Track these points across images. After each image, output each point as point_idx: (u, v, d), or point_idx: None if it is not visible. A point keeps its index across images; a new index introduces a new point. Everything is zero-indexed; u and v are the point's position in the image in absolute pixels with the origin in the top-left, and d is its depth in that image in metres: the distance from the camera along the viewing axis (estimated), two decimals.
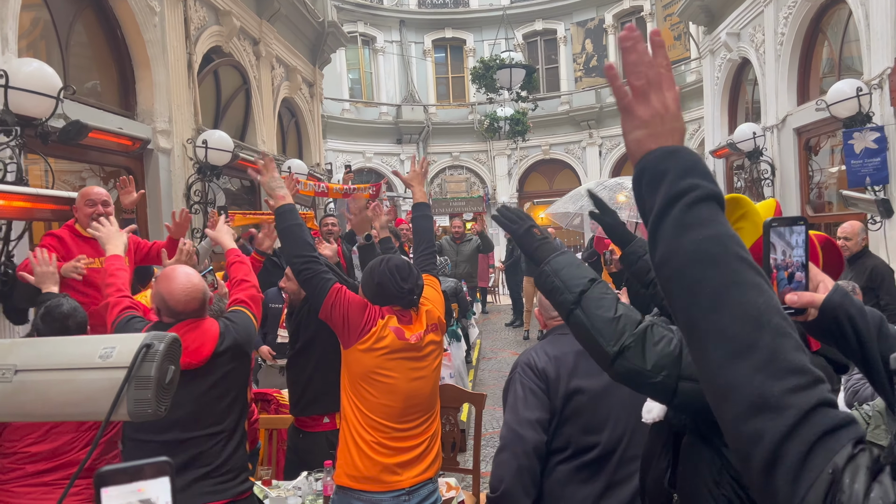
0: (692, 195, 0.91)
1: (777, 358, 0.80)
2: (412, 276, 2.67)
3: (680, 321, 0.90)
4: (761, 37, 8.89)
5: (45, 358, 1.36)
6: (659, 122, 0.97)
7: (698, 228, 0.89)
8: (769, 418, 0.77)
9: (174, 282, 2.44)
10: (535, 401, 2.25)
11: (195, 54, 6.95)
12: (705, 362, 0.85)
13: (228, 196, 8.14)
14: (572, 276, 1.55)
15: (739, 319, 0.83)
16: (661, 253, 0.92)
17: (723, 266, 0.86)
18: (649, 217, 0.95)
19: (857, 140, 6.03)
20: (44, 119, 4.11)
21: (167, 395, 1.35)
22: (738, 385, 0.80)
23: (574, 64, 18.67)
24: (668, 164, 0.94)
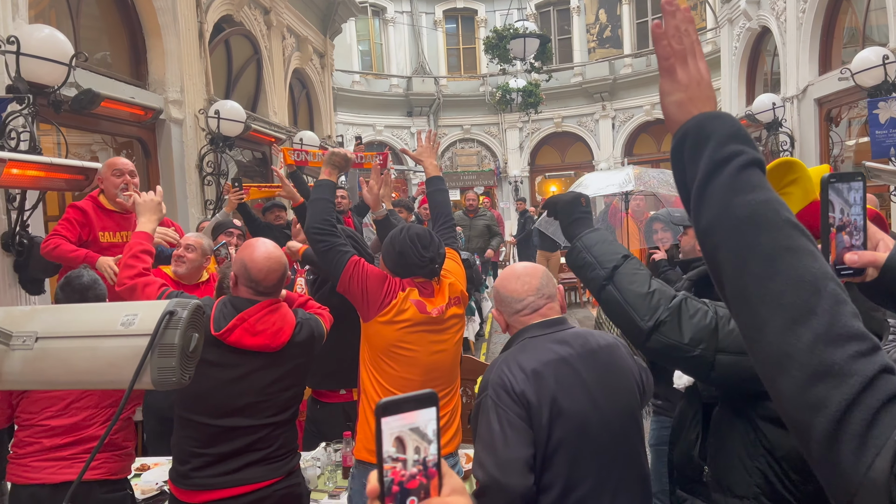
0: (739, 159, 0.89)
1: (837, 324, 0.77)
2: (433, 245, 2.59)
3: (729, 289, 0.86)
4: (782, 4, 8.67)
5: (66, 325, 1.33)
6: (696, 87, 0.98)
7: (749, 192, 0.87)
8: (832, 385, 0.74)
9: (257, 250, 2.38)
10: (516, 436, 1.79)
11: (206, 23, 6.85)
12: (759, 331, 0.81)
13: (241, 167, 8.09)
14: (605, 251, 1.53)
15: (796, 285, 0.79)
16: (709, 217, 0.89)
17: (776, 231, 0.84)
18: (693, 181, 0.92)
19: (883, 110, 5.89)
20: (56, 87, 4.05)
21: (191, 363, 1.32)
22: (797, 353, 0.77)
23: (587, 35, 18.37)
24: (714, 128, 0.92)
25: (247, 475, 2.29)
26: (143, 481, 3.02)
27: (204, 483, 2.28)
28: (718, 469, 1.57)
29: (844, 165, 8.25)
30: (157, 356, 1.28)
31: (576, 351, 1.89)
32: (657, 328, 1.44)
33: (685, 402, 1.80)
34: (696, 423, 1.67)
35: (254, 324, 2.29)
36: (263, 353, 2.32)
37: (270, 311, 2.35)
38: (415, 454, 0.69)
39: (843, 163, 8.25)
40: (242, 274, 2.38)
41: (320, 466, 3.01)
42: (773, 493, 1.45)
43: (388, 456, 0.68)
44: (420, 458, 0.69)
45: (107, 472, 2.62)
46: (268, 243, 2.45)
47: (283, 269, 2.41)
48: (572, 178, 20.54)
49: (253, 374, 2.30)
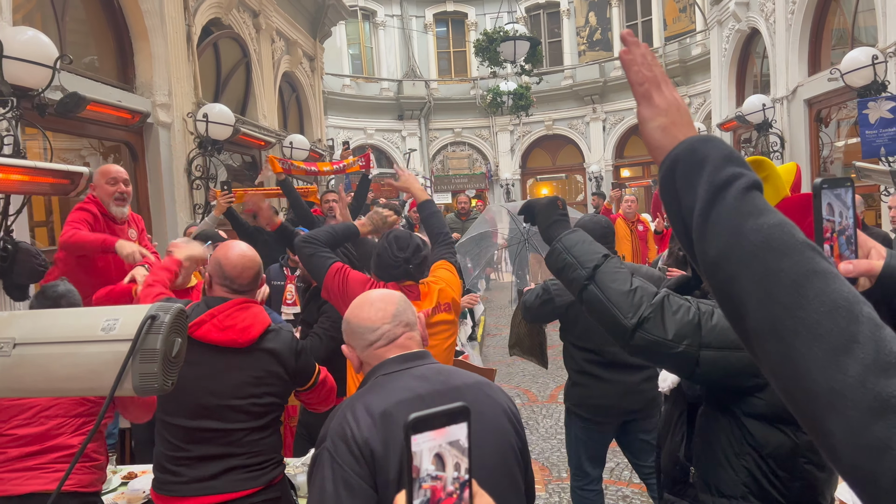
0: (740, 182, 0.82)
1: (883, 350, 0.68)
2: (410, 247, 2.64)
3: (753, 323, 0.77)
4: (772, 6, 8.71)
5: (45, 331, 1.29)
6: (676, 111, 0.94)
7: (759, 216, 0.79)
8: (894, 423, 0.65)
9: (231, 249, 2.42)
10: (352, 500, 1.44)
11: (194, 26, 6.80)
12: (796, 367, 0.72)
13: (230, 171, 8.03)
14: (585, 251, 1.52)
15: (831, 312, 0.71)
16: (719, 247, 0.81)
17: (797, 254, 0.76)
18: (691, 210, 0.85)
19: (872, 110, 5.90)
20: (40, 90, 3.99)
21: (174, 368, 1.28)
22: (846, 388, 0.68)
23: (577, 37, 18.43)
24: (707, 151, 0.86)
25: (222, 483, 2.25)
26: (129, 489, 2.96)
27: (178, 490, 2.25)
28: (705, 469, 1.57)
29: (834, 166, 8.28)
30: (139, 361, 1.24)
31: (436, 388, 1.60)
32: (641, 325, 1.43)
33: (670, 403, 1.79)
34: (682, 425, 1.67)
35: (223, 319, 2.27)
36: (233, 351, 2.29)
37: (241, 308, 2.33)
38: (454, 471, 0.66)
39: (832, 163, 8.28)
40: (217, 272, 2.38)
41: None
42: (761, 490, 1.44)
43: (427, 475, 0.64)
44: (458, 474, 0.66)
45: (77, 483, 2.54)
46: (242, 244, 2.48)
47: (258, 268, 2.42)
48: (564, 180, 20.60)
49: (223, 373, 2.27)
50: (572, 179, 20.33)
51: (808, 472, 1.43)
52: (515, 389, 6.72)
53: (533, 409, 6.13)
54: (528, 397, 6.45)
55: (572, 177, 20.17)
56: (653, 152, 0.95)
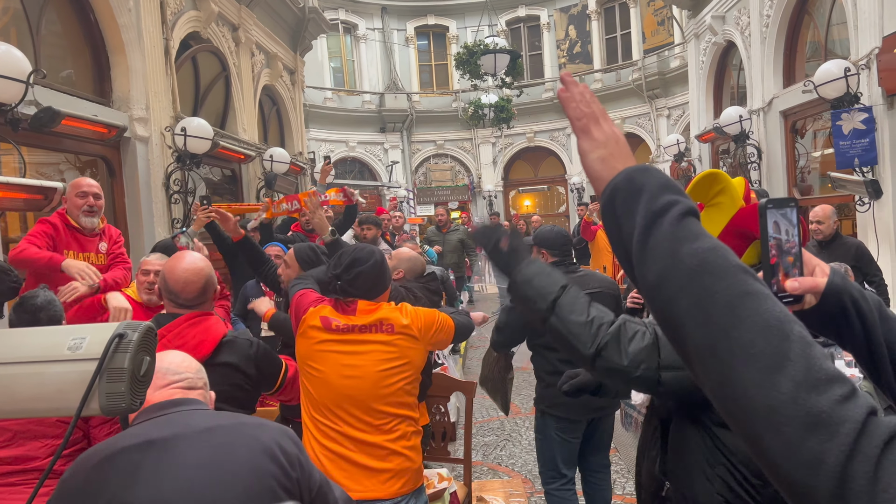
0: (676, 209, 0.86)
1: (813, 367, 0.71)
2: (343, 263, 2.51)
3: (691, 344, 0.79)
4: (746, 19, 8.84)
5: (9, 350, 1.27)
6: (615, 143, 0.99)
7: (694, 241, 0.82)
8: (826, 438, 0.67)
9: (178, 261, 2.35)
10: None
11: (172, 40, 6.77)
12: (733, 386, 0.74)
13: (209, 185, 7.99)
14: (544, 284, 1.54)
15: (763, 331, 0.74)
16: (657, 271, 0.83)
17: (731, 277, 0.78)
18: (630, 236, 0.88)
19: (846, 121, 5.99)
20: (13, 105, 3.95)
21: (142, 387, 1.26)
22: (781, 404, 0.70)
23: (558, 50, 18.59)
24: (644, 180, 0.90)
25: None
26: None
27: None
28: (680, 481, 1.57)
29: (811, 176, 8.38)
30: (106, 381, 1.22)
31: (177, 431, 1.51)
32: (599, 353, 1.50)
33: (645, 421, 1.80)
34: (656, 441, 1.67)
35: (172, 339, 2.20)
36: None
37: (191, 325, 2.26)
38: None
39: (809, 173, 8.39)
40: (163, 286, 2.34)
41: None
42: (736, 499, 1.46)
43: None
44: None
45: None
46: (192, 255, 2.40)
47: (204, 280, 2.33)
48: (546, 192, 20.70)
49: None
50: (554, 191, 20.44)
51: None
52: None
53: (516, 421, 6.12)
54: (511, 409, 6.44)
55: (554, 188, 20.28)
56: (594, 183, 0.98)
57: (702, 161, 10.85)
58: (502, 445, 5.52)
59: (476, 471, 4.86)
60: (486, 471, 5.00)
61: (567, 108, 1.05)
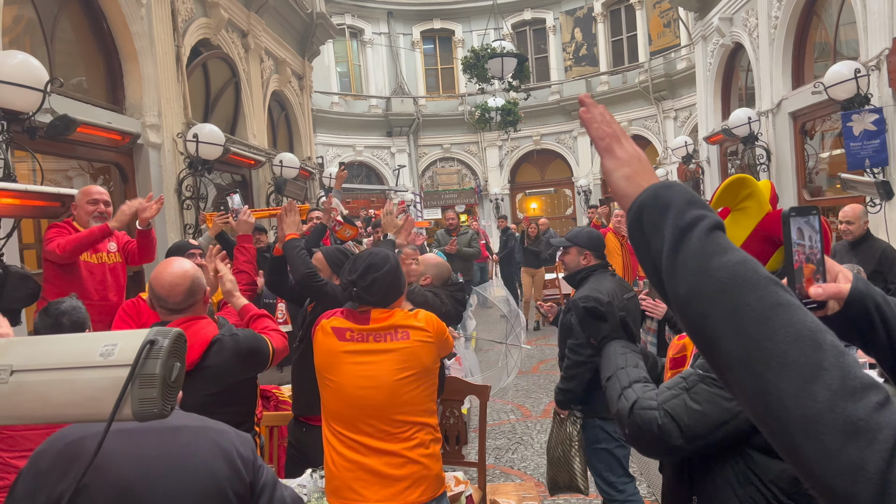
0: (704, 223, 0.87)
1: (848, 375, 0.72)
2: (359, 268, 2.48)
3: (725, 358, 0.80)
4: (755, 21, 8.83)
5: (42, 357, 1.29)
6: (637, 161, 1.00)
7: (723, 255, 0.83)
8: (864, 445, 0.68)
9: (164, 267, 2.35)
10: None
11: (183, 47, 6.82)
12: (770, 397, 0.75)
13: (220, 191, 8.03)
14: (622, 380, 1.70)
15: (797, 342, 0.75)
16: (687, 286, 0.84)
17: (761, 289, 0.79)
18: (659, 252, 0.89)
19: (856, 122, 5.99)
20: (31, 113, 3.99)
21: (173, 393, 1.28)
22: (818, 413, 0.71)
23: (564, 53, 18.60)
24: (670, 197, 0.91)
25: None
26: None
27: None
28: (709, 499, 1.57)
29: (819, 178, 8.37)
30: (138, 387, 1.24)
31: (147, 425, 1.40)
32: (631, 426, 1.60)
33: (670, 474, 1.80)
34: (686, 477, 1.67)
35: None
36: None
37: None
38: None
39: (818, 175, 8.37)
40: (152, 295, 2.34)
41: (306, 494, 2.94)
42: None
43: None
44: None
45: None
46: (178, 261, 2.40)
47: (190, 283, 2.32)
48: (552, 194, 20.69)
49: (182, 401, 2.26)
50: (561, 193, 20.43)
51: (810, 497, 1.44)
52: (509, 405, 6.72)
53: (527, 424, 6.13)
54: (523, 413, 6.45)
55: (561, 191, 20.27)
56: (620, 200, 1.00)
57: (710, 163, 10.84)
58: (514, 449, 5.52)
59: (488, 474, 4.87)
60: (498, 474, 5.01)
61: (589, 128, 1.06)
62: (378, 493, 2.39)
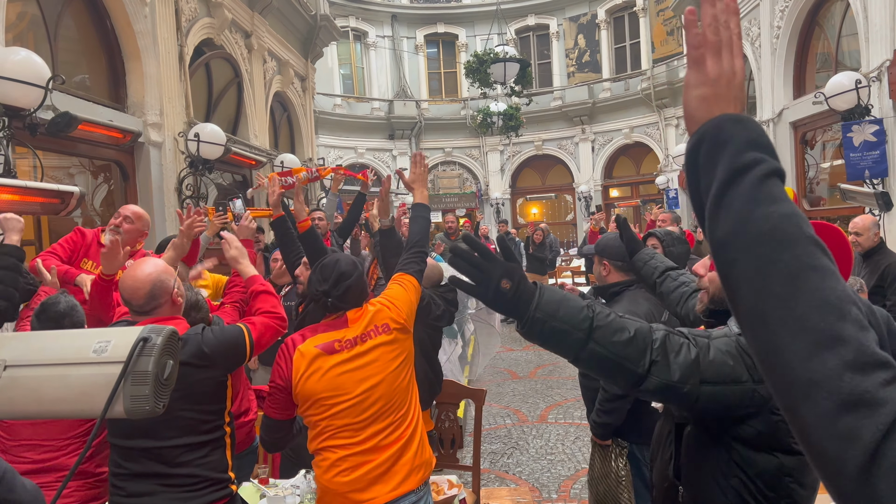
0: (760, 168, 0.83)
1: (864, 351, 0.72)
2: (332, 277, 2.46)
3: (744, 308, 0.80)
4: (757, 30, 8.85)
5: (36, 353, 1.30)
6: (725, 84, 0.91)
7: (771, 204, 0.80)
8: (864, 415, 0.69)
9: (132, 268, 2.35)
10: None
11: (186, 46, 6.84)
12: (779, 355, 0.75)
13: (221, 191, 8.04)
14: (570, 312, 1.37)
15: (821, 308, 0.74)
16: (726, 229, 0.82)
17: (799, 248, 0.78)
18: (708, 188, 0.86)
19: (856, 133, 6.00)
20: (32, 110, 4.00)
21: (166, 390, 1.29)
22: (824, 380, 0.71)
23: (567, 59, 18.63)
24: (733, 133, 0.86)
25: (158, 500, 2.23)
26: None
27: (116, 502, 2.28)
28: (694, 489, 1.59)
29: (820, 188, 8.38)
30: (131, 384, 1.24)
31: None
32: (650, 371, 1.39)
33: (661, 421, 1.82)
34: (670, 443, 1.69)
35: None
36: None
37: None
38: None
39: (818, 185, 8.38)
40: (121, 296, 2.35)
41: (299, 494, 2.95)
42: None
43: None
44: None
45: (79, 500, 2.56)
46: (148, 262, 2.38)
47: (151, 287, 2.30)
48: (553, 200, 20.71)
49: None
50: (561, 199, 20.45)
51: (793, 490, 1.46)
52: (506, 409, 6.71)
53: (523, 429, 6.12)
54: (519, 417, 6.45)
55: (562, 196, 20.29)
56: (687, 122, 0.93)
57: None
58: (509, 453, 5.52)
59: (483, 478, 4.86)
60: (493, 478, 5.00)
61: (688, 32, 0.94)
62: (383, 487, 2.40)
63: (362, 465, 2.41)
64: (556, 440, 5.77)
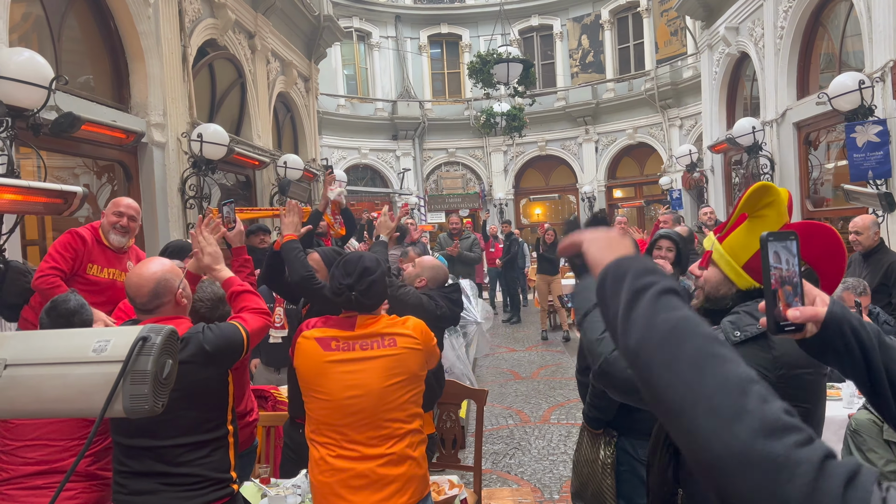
0: (656, 287, 0.96)
1: (769, 418, 0.78)
2: (356, 272, 2.44)
3: (663, 404, 0.87)
4: (760, 31, 8.84)
5: (36, 352, 1.30)
6: (610, 240, 1.13)
7: (669, 312, 0.93)
8: (785, 480, 0.73)
9: (138, 267, 2.38)
10: None
11: (190, 47, 6.86)
12: (696, 438, 0.81)
13: (224, 191, 8.06)
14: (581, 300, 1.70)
15: (724, 387, 0.82)
16: (636, 338, 0.93)
17: (698, 340, 0.88)
18: (617, 313, 0.99)
19: (860, 133, 5.98)
20: (35, 110, 4.02)
21: (165, 390, 1.29)
22: (738, 453, 0.77)
23: (570, 60, 18.62)
24: (629, 265, 1.03)
25: (158, 499, 2.25)
26: None
27: (125, 500, 2.30)
28: (692, 491, 1.60)
29: (824, 188, 8.36)
30: (130, 383, 1.25)
31: None
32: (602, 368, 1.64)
33: (658, 424, 1.81)
34: (669, 446, 1.69)
35: None
36: None
37: None
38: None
39: (822, 185, 8.36)
40: (126, 294, 2.38)
41: (300, 494, 2.95)
42: None
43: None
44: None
45: (83, 502, 2.56)
46: (154, 261, 2.40)
47: (154, 285, 2.32)
48: (557, 200, 20.70)
49: None
50: (565, 199, 20.43)
51: None
52: (508, 410, 6.71)
53: (525, 429, 6.12)
54: (521, 418, 6.44)
55: (565, 197, 20.27)
56: (592, 269, 1.12)
57: (714, 172, 10.84)
58: (511, 454, 5.52)
59: (485, 479, 4.87)
60: (495, 479, 5.00)
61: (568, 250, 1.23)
62: (369, 498, 2.38)
63: (342, 469, 2.39)
64: (558, 441, 5.77)
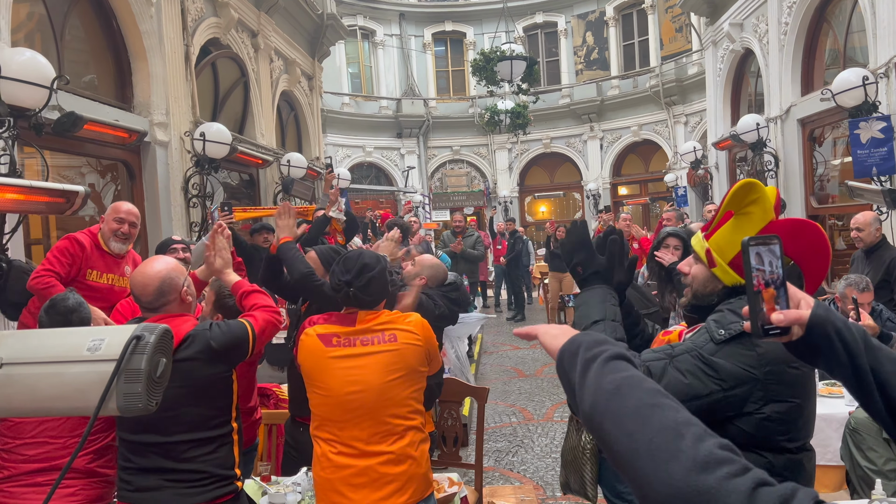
0: (604, 355, 1.07)
1: (701, 454, 0.83)
2: (354, 268, 2.46)
3: (617, 457, 0.93)
4: (765, 27, 8.80)
5: (32, 350, 1.31)
6: (563, 329, 1.25)
7: (615, 373, 1.02)
8: None
9: (143, 265, 2.39)
10: None
11: (192, 46, 6.87)
12: (642, 483, 0.87)
13: (227, 190, 8.08)
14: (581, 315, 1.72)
15: (661, 432, 0.88)
16: (589, 401, 1.01)
17: (641, 394, 0.96)
18: (574, 385, 1.08)
19: (864, 130, 5.95)
20: (37, 110, 4.04)
21: (158, 388, 1.30)
22: (676, 492, 0.82)
23: (575, 57, 18.58)
24: (581, 340, 1.14)
25: (163, 495, 2.26)
26: None
27: (129, 497, 2.31)
28: None
29: (830, 185, 8.32)
30: (123, 382, 1.26)
31: None
32: None
33: None
34: None
35: None
36: None
37: None
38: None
39: (828, 182, 8.32)
40: (132, 292, 2.40)
41: (301, 492, 2.96)
42: None
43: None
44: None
45: (84, 499, 2.57)
46: (159, 260, 2.41)
47: (160, 283, 2.33)
48: (561, 198, 20.67)
49: None
50: (570, 197, 20.40)
51: None
52: (511, 408, 6.72)
53: (528, 427, 6.12)
54: (524, 415, 6.45)
55: (570, 194, 20.24)
56: (551, 354, 1.21)
57: (718, 169, 10.80)
58: (514, 451, 5.52)
59: (487, 476, 4.87)
60: (497, 476, 5.01)
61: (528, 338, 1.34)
62: (368, 496, 2.38)
63: (343, 466, 2.40)
64: (561, 438, 5.76)
